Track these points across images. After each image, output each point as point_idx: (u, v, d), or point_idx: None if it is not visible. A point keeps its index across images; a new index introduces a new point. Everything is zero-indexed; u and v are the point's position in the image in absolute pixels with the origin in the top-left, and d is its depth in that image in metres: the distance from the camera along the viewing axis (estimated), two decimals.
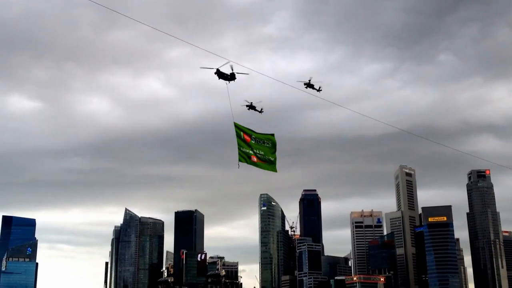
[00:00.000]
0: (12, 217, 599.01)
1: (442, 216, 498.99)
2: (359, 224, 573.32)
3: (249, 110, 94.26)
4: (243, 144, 55.01)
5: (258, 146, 55.91)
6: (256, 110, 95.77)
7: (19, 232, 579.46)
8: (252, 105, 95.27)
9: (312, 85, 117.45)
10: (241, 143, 54.93)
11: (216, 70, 71.66)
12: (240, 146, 54.85)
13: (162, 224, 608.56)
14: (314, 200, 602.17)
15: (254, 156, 55.62)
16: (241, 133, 55.01)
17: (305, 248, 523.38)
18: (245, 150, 55.02)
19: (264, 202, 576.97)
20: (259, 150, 56.05)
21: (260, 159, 55.90)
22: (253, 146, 55.60)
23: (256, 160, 55.61)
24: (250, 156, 55.28)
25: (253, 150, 55.60)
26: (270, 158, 56.90)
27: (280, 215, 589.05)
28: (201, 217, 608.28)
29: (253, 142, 55.74)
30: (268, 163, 56.61)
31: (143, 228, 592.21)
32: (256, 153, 55.79)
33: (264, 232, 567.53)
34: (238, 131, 55.06)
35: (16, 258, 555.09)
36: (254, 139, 55.82)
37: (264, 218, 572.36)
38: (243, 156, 54.95)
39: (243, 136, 55.11)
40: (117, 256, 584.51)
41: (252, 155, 55.42)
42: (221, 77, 72.56)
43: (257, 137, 56.00)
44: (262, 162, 56.10)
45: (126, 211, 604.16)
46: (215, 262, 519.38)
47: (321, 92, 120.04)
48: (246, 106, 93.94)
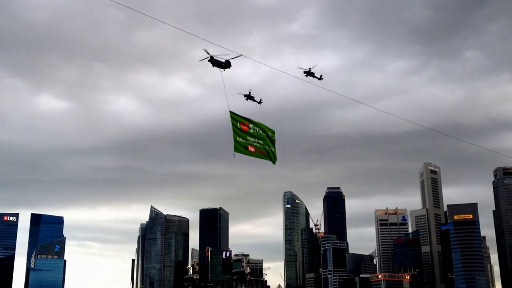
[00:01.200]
0: (40, 215, 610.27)
1: (468, 213, 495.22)
2: (384, 222, 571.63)
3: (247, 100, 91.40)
4: (240, 134, 52.02)
5: (256, 135, 53.05)
6: (255, 100, 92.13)
7: (47, 230, 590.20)
8: (250, 95, 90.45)
9: (313, 74, 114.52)
10: (238, 132, 51.92)
11: (210, 57, 68.76)
12: (236, 136, 51.81)
13: (187, 221, 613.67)
14: (338, 198, 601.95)
15: (252, 146, 52.67)
16: (237, 122, 52.11)
17: (329, 245, 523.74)
18: (241, 140, 52.02)
19: (288, 200, 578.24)
20: (257, 139, 53.12)
21: (258, 149, 53.04)
22: (251, 136, 52.62)
23: (254, 150, 52.69)
24: (247, 146, 52.29)
25: (251, 139, 52.63)
26: (270, 148, 53.98)
27: (304, 212, 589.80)
28: (225, 214, 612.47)
29: (251, 131, 52.81)
30: (267, 153, 53.62)
31: (169, 226, 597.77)
32: (254, 143, 52.87)
33: (289, 229, 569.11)
34: (234, 121, 52.11)
35: (44, 255, 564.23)
36: (253, 128, 53.04)
37: (288, 215, 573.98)
38: (240, 146, 51.89)
39: (239, 125, 52.19)
40: (143, 254, 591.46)
41: (249, 145, 52.46)
42: (215, 65, 69.53)
43: (255, 126, 53.25)
44: (260, 152, 53.15)
45: (151, 208, 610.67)
46: (240, 259, 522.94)
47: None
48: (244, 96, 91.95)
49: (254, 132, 52.80)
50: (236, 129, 51.68)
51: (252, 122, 53.05)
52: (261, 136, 53.25)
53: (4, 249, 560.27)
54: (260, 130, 53.31)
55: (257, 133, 53.02)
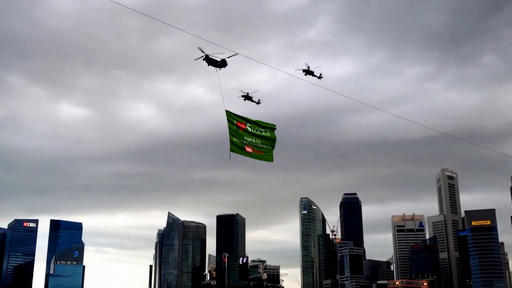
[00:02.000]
0: (60, 221, 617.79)
1: (486, 219, 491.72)
2: (401, 228, 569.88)
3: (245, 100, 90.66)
4: (237, 133, 49.98)
5: (254, 134, 50.91)
6: (253, 101, 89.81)
7: (66, 236, 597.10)
8: (248, 95, 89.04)
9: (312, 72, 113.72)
10: (234, 132, 49.85)
11: (205, 56, 67.67)
12: (232, 136, 49.69)
13: (204, 227, 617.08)
14: (355, 204, 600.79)
15: (249, 146, 50.36)
16: (234, 121, 50.16)
17: (346, 252, 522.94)
18: (238, 140, 49.88)
19: (304, 206, 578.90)
20: (255, 138, 50.85)
21: (256, 149, 50.79)
22: (248, 135, 50.51)
23: (251, 150, 50.48)
24: (244, 147, 50.11)
25: (248, 139, 50.47)
26: (267, 147, 51.56)
27: (321, 218, 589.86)
28: (242, 220, 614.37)
29: (249, 130, 50.71)
30: (265, 152, 51.37)
31: (186, 232, 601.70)
32: (252, 143, 50.59)
33: (305, 235, 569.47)
34: (231, 119, 50.11)
35: (63, 261, 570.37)
36: (250, 127, 50.86)
37: (304, 221, 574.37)
38: (236, 146, 49.70)
39: (236, 124, 50.20)
40: (161, 259, 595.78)
41: (246, 145, 50.20)
42: (211, 64, 68.09)
43: (253, 125, 51.09)
44: (258, 153, 50.97)
45: (169, 214, 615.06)
46: (257, 265, 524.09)
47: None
48: (242, 96, 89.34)
49: (252, 131, 50.83)
50: (232, 129, 49.88)
51: (250, 121, 51.05)
52: (259, 135, 51.12)
53: (24, 255, 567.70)
54: (259, 129, 51.26)
55: (255, 132, 50.95)
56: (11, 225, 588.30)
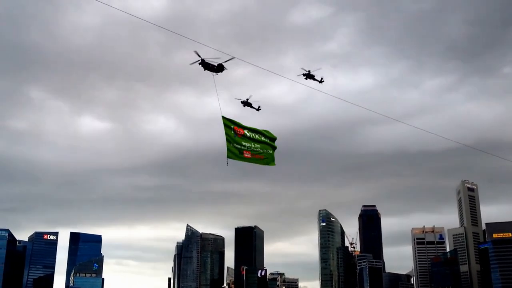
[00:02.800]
0: (79, 233, 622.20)
1: (507, 232, 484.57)
2: (421, 241, 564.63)
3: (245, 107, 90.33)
4: (234, 139, 48.11)
5: (252, 140, 49.06)
6: (253, 107, 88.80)
7: (86, 248, 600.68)
8: (248, 101, 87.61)
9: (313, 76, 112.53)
10: (232, 137, 48.00)
11: (201, 60, 66.56)
12: (229, 142, 47.78)
13: (222, 240, 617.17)
14: (374, 216, 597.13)
15: (248, 151, 48.38)
16: (231, 126, 48.39)
17: (365, 264, 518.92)
18: (236, 146, 48.01)
19: (323, 218, 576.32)
20: (254, 143, 48.90)
21: (255, 154, 48.96)
22: (246, 140, 48.64)
23: (250, 155, 48.64)
24: (243, 152, 48.18)
25: (247, 144, 48.53)
26: (268, 151, 49.84)
27: (340, 231, 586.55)
28: (260, 233, 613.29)
29: (247, 135, 48.77)
30: (265, 157, 49.66)
31: (204, 244, 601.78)
32: (250, 148, 48.64)
33: (324, 248, 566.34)
34: (228, 124, 48.30)
35: (83, 273, 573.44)
36: (249, 132, 48.98)
37: (323, 234, 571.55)
38: (233, 152, 47.79)
39: (234, 129, 48.40)
40: (180, 272, 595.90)
41: (245, 150, 48.23)
42: (207, 68, 66.83)
43: (251, 132, 49.28)
44: (258, 157, 49.19)
45: (187, 227, 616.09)
46: (275, 278, 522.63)
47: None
48: (241, 102, 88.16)
49: (251, 136, 49.11)
50: (229, 134, 48.05)
51: (247, 127, 49.29)
52: (258, 139, 49.45)
53: (44, 267, 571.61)
54: (258, 135, 49.62)
55: (254, 137, 49.25)
56: (31, 237, 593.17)
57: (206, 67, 67.48)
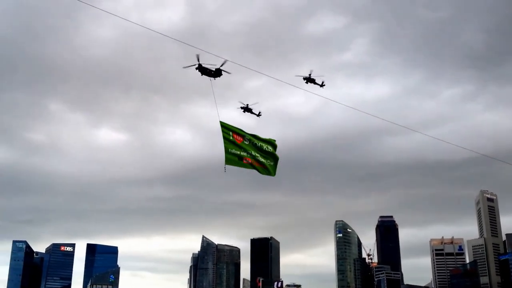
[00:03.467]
0: (96, 245, 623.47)
1: None
2: (440, 252, 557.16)
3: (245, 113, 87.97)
4: (233, 146, 46.66)
5: (252, 147, 47.53)
6: (253, 113, 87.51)
7: (102, 260, 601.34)
8: (248, 107, 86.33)
9: (313, 80, 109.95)
10: (230, 144, 46.58)
11: (198, 65, 65.54)
12: (228, 148, 46.32)
13: (238, 251, 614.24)
14: (391, 227, 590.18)
15: (248, 158, 47.04)
16: (229, 132, 46.94)
17: (383, 276, 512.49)
18: (235, 152, 46.58)
19: (339, 229, 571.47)
20: (254, 151, 47.41)
21: (255, 161, 47.41)
22: (246, 147, 47.18)
23: (251, 161, 47.20)
24: (242, 158, 46.82)
25: (247, 150, 47.10)
26: (268, 161, 48.40)
27: (357, 242, 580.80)
28: (276, 244, 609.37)
29: (246, 143, 47.33)
30: (265, 166, 48.06)
31: (220, 256, 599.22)
32: (250, 154, 47.19)
33: (341, 259, 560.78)
34: (226, 131, 46.92)
35: (99, 285, 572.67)
36: (248, 140, 47.55)
37: (340, 245, 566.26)
38: (232, 158, 46.38)
39: (232, 136, 46.90)
40: (195, 283, 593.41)
41: (245, 156, 46.88)
42: (204, 73, 65.90)
43: (252, 138, 47.82)
44: (258, 165, 47.57)
45: (203, 238, 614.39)
46: None
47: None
48: (241, 108, 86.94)
49: (250, 144, 47.65)
50: (228, 140, 46.68)
51: (247, 135, 47.90)
52: (259, 147, 48.04)
53: (61, 279, 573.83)
54: (258, 142, 48.18)
55: (253, 144, 47.78)
56: (48, 249, 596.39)
57: (203, 72, 66.47)
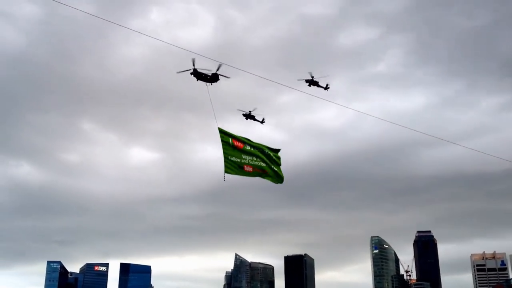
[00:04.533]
0: (129, 264, 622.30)
1: None
2: (481, 267, 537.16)
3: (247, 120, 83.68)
4: (233, 153, 44.53)
5: (253, 153, 45.20)
6: (256, 120, 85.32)
7: (136, 279, 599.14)
8: (251, 114, 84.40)
9: (317, 82, 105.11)
10: (230, 151, 44.48)
11: (193, 70, 63.14)
12: (227, 155, 44.21)
13: (272, 269, 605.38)
14: (430, 242, 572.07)
15: (249, 165, 44.77)
16: (229, 139, 44.91)
17: None
18: (235, 160, 44.41)
19: (375, 245, 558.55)
20: (255, 157, 45.17)
21: (257, 168, 45.02)
22: (246, 154, 44.99)
23: (251, 169, 44.91)
24: (243, 166, 44.70)
25: (247, 157, 44.87)
26: (272, 167, 45.88)
27: (394, 258, 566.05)
28: (311, 261, 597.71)
29: (247, 148, 45.14)
30: (269, 172, 45.43)
31: (254, 274, 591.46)
32: (251, 161, 44.92)
33: (378, 276, 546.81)
34: (225, 138, 44.90)
35: None
36: (250, 145, 45.36)
37: (376, 261, 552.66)
38: (232, 166, 44.26)
39: (232, 142, 44.85)
40: None
41: (245, 164, 44.72)
42: (200, 78, 63.47)
43: (253, 144, 45.54)
44: (260, 171, 45.35)
45: (236, 256, 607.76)
46: None
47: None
48: (243, 115, 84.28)
49: (251, 150, 45.18)
50: (227, 147, 44.54)
51: (248, 141, 45.59)
52: (259, 154, 45.27)
53: None
54: (260, 147, 45.70)
55: (254, 150, 45.27)
56: (82, 269, 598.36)
57: (199, 77, 64.11)
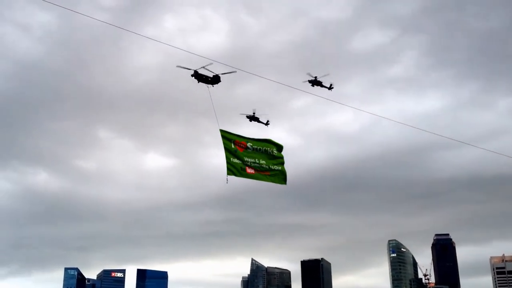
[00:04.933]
0: (146, 270, 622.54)
1: None
2: (501, 270, 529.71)
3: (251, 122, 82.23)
4: (235, 154, 44.60)
5: (256, 155, 44.97)
6: (260, 122, 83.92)
7: (152, 285, 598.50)
8: (255, 116, 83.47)
9: (320, 82, 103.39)
10: (232, 153, 44.51)
11: (193, 72, 62.64)
12: (229, 157, 44.29)
13: (288, 274, 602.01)
14: (448, 245, 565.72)
15: (251, 167, 44.69)
16: (231, 141, 44.87)
17: None
18: (237, 162, 44.38)
19: (393, 249, 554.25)
20: (257, 159, 44.99)
21: (259, 170, 44.82)
22: (249, 155, 44.81)
23: (253, 171, 44.71)
24: (245, 168, 44.52)
25: (249, 160, 44.72)
26: (275, 167, 45.44)
27: (412, 261, 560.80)
28: (328, 265, 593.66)
29: (250, 150, 44.99)
30: (271, 173, 45.13)
31: (270, 279, 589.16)
32: (253, 164, 44.79)
33: (396, 280, 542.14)
34: (227, 139, 44.87)
35: None
36: (251, 147, 45.09)
37: (394, 265, 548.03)
38: (234, 168, 44.26)
39: (234, 144, 44.82)
40: None
41: (247, 166, 44.65)
42: (201, 80, 63.00)
43: (255, 144, 45.27)
44: (262, 174, 45.02)
45: (252, 261, 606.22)
46: None
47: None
48: (247, 117, 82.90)
49: (254, 152, 44.99)
50: (229, 149, 44.46)
51: (251, 140, 45.26)
52: (262, 156, 44.96)
53: None
54: (263, 147, 45.27)
55: (257, 152, 45.03)
56: (99, 275, 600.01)
57: (200, 79, 62.91)
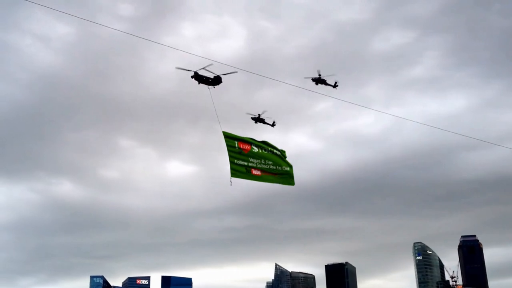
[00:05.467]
0: (170, 277, 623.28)
1: None
2: None
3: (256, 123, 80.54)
4: (238, 156, 42.73)
5: (262, 156, 43.44)
6: (266, 123, 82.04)
7: None
8: (260, 117, 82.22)
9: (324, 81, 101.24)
10: (235, 155, 42.70)
11: (194, 73, 61.36)
12: (233, 159, 42.44)
13: (313, 278, 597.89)
14: (475, 247, 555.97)
15: (257, 169, 43.08)
16: (235, 142, 43.05)
17: None
18: (241, 163, 42.68)
19: (418, 251, 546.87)
20: (264, 160, 43.39)
21: (266, 171, 43.35)
22: (254, 157, 43.21)
23: (260, 173, 43.12)
24: (250, 169, 42.84)
25: (255, 161, 43.19)
26: (283, 168, 44.45)
27: (438, 264, 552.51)
28: (352, 269, 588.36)
29: (255, 151, 43.46)
30: (278, 174, 43.77)
31: (295, 283, 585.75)
32: (260, 165, 43.20)
33: (422, 283, 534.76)
34: (230, 141, 43.13)
35: None
36: (257, 146, 43.64)
37: (420, 268, 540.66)
38: (239, 170, 42.47)
39: (238, 145, 43.04)
40: None
41: (253, 167, 42.99)
42: (201, 82, 62.03)
43: (261, 145, 43.87)
44: (270, 175, 43.61)
45: (276, 266, 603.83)
46: None
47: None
48: (252, 118, 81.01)
49: (259, 152, 43.36)
50: (233, 151, 42.64)
51: (255, 142, 43.70)
52: (268, 156, 43.43)
53: None
54: (268, 148, 43.91)
55: (263, 152, 43.47)
56: (125, 283, 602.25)
57: (200, 81, 62.17)
